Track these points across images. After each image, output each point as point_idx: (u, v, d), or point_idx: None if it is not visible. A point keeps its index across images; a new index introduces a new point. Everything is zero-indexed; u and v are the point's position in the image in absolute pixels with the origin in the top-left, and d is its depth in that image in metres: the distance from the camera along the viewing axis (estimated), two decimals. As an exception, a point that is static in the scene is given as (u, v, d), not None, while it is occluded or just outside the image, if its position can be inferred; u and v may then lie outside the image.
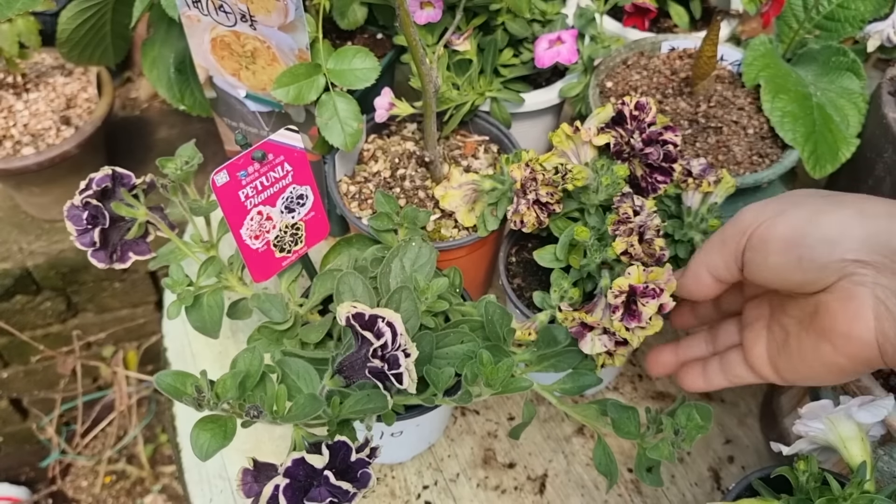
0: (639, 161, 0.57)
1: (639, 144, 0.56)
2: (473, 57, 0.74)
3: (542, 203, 0.57)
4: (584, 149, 0.59)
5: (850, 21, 0.75)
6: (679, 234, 0.59)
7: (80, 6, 0.87)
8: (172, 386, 0.43)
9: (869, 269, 0.40)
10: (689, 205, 0.59)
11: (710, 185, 0.57)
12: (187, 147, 0.57)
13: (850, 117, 0.70)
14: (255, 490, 0.41)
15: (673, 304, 0.49)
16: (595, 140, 0.58)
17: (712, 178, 0.58)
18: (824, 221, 0.42)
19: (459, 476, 0.69)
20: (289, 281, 0.58)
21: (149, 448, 1.44)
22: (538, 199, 0.56)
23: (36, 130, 0.99)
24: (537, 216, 0.57)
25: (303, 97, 0.64)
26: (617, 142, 0.57)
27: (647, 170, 0.57)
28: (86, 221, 0.53)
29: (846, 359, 0.43)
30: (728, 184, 0.59)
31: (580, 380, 0.54)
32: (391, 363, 0.41)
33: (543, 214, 0.57)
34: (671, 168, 0.56)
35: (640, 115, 0.57)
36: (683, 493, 0.67)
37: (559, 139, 0.59)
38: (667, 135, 0.56)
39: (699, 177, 0.58)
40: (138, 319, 1.32)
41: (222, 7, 0.62)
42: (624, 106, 0.57)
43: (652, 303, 0.48)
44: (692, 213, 0.59)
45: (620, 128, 0.58)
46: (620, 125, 0.58)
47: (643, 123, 0.56)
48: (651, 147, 0.56)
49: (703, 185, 0.57)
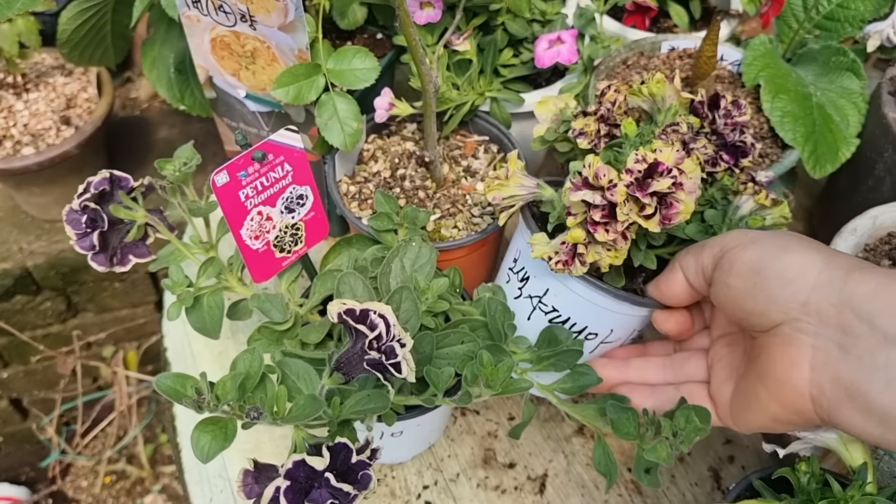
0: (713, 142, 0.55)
1: (720, 123, 0.54)
2: (473, 57, 0.74)
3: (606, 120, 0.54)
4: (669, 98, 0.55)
5: (849, 21, 0.75)
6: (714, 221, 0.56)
7: (80, 6, 0.87)
8: (172, 388, 0.43)
9: (813, 318, 0.40)
10: (737, 205, 0.57)
11: (767, 199, 0.55)
12: (185, 148, 0.57)
13: (850, 117, 0.70)
14: (256, 491, 0.41)
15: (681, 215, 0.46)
16: (683, 93, 0.55)
17: (772, 195, 0.56)
18: (786, 258, 0.42)
19: (459, 476, 0.69)
20: (289, 281, 0.58)
21: (149, 448, 1.44)
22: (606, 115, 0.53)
23: (36, 130, 0.99)
24: (597, 130, 0.54)
25: (303, 97, 0.64)
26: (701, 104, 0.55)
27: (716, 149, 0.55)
28: (85, 225, 0.53)
29: (779, 406, 0.42)
30: (782, 212, 0.56)
31: (580, 379, 0.54)
32: (388, 353, 0.42)
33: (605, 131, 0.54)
34: (741, 156, 0.55)
35: (733, 110, 0.55)
36: (683, 493, 0.67)
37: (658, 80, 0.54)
38: (748, 137, 0.55)
39: (760, 186, 0.56)
40: (138, 319, 1.32)
41: (222, 7, 0.62)
42: (722, 98, 0.54)
43: (667, 181, 0.45)
44: (736, 214, 0.56)
45: (712, 110, 0.55)
46: (713, 108, 0.55)
47: (731, 117, 0.55)
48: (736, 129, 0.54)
49: (760, 195, 0.56)
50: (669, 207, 0.46)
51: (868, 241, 0.64)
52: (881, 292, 0.38)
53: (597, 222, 0.47)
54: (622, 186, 0.46)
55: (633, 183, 0.46)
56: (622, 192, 0.46)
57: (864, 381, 0.37)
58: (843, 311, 0.39)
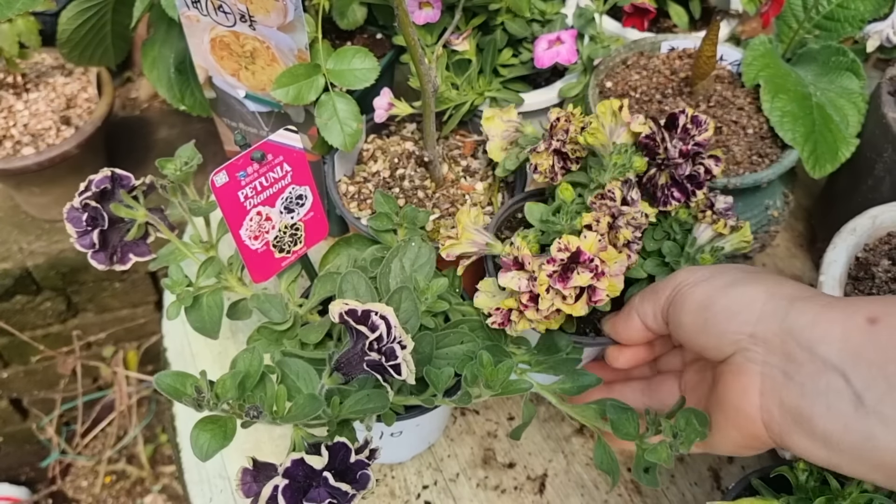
0: (667, 170, 0.54)
1: (674, 152, 0.53)
2: (472, 57, 0.74)
3: (561, 153, 0.55)
4: (620, 130, 0.56)
5: (849, 21, 0.75)
6: (672, 257, 0.57)
7: (80, 6, 0.87)
8: (172, 386, 0.43)
9: (760, 347, 0.42)
10: (696, 236, 0.56)
11: (725, 227, 0.55)
12: (186, 148, 0.57)
13: (849, 117, 0.70)
14: (255, 490, 0.41)
15: (605, 298, 0.48)
16: (633, 125, 0.55)
17: (731, 223, 0.55)
18: (733, 293, 0.44)
19: (459, 476, 0.69)
20: (288, 281, 0.58)
21: (149, 448, 1.44)
22: (560, 149, 0.55)
23: (36, 130, 0.99)
24: (552, 166, 0.55)
25: (302, 97, 0.64)
26: (651, 137, 0.54)
27: (670, 181, 0.54)
28: (85, 223, 0.53)
29: (737, 431, 0.44)
30: (743, 238, 0.56)
31: (579, 380, 0.54)
32: (388, 355, 0.42)
33: (559, 165, 0.55)
34: (693, 191, 0.54)
35: (692, 129, 0.53)
36: (683, 492, 0.67)
37: (603, 109, 0.56)
38: (708, 161, 0.53)
39: (718, 215, 0.55)
40: (138, 319, 1.32)
41: (222, 7, 0.62)
42: (681, 114, 0.53)
43: (587, 275, 0.47)
44: (694, 245, 0.56)
45: (668, 131, 0.54)
46: (670, 129, 0.54)
47: (690, 138, 0.53)
48: (684, 161, 0.53)
49: (718, 224, 0.55)
50: (593, 293, 0.47)
51: (868, 241, 0.64)
52: (820, 321, 0.40)
53: (524, 304, 0.49)
54: (543, 276, 0.47)
55: (555, 273, 0.47)
56: (543, 282, 0.47)
57: (808, 406, 0.39)
58: (786, 340, 0.40)
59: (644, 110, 0.71)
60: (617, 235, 0.50)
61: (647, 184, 0.56)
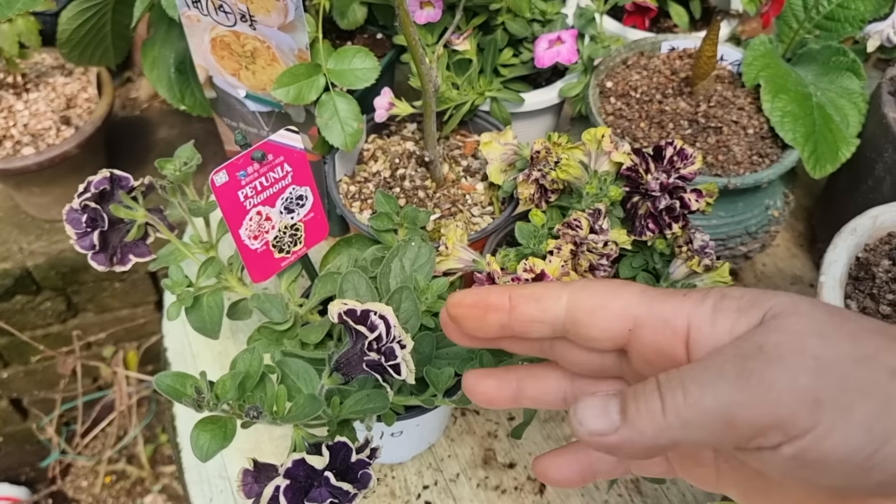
0: (647, 202, 0.54)
1: (653, 185, 0.52)
2: (473, 57, 0.74)
3: (540, 184, 0.56)
4: (602, 159, 0.56)
5: (850, 21, 0.75)
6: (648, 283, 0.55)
7: (80, 6, 0.87)
8: (172, 387, 0.43)
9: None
10: (671, 271, 0.56)
11: (699, 265, 0.54)
12: (186, 148, 0.57)
13: (850, 117, 0.70)
14: (256, 490, 0.41)
15: None
16: (614, 156, 0.55)
17: (706, 261, 0.54)
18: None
19: (459, 476, 0.69)
20: (288, 281, 0.58)
21: (149, 448, 1.44)
22: (538, 180, 0.56)
23: (36, 130, 0.98)
24: (533, 195, 0.57)
25: (303, 97, 0.64)
26: (633, 169, 0.53)
27: (647, 212, 0.54)
28: (85, 224, 0.53)
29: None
30: (720, 276, 0.55)
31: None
32: (388, 355, 0.42)
33: (538, 194, 0.57)
34: (669, 224, 0.52)
35: (678, 162, 0.52)
36: (684, 493, 0.67)
37: (589, 136, 0.56)
38: (688, 195, 0.52)
39: (693, 252, 0.54)
40: (138, 319, 1.32)
41: (222, 7, 0.62)
42: (669, 146, 0.53)
43: None
44: (668, 280, 0.56)
45: (653, 162, 0.53)
46: (656, 160, 0.53)
47: (675, 171, 0.52)
48: (663, 194, 0.52)
49: (692, 260, 0.54)
50: None
51: (868, 241, 0.64)
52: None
53: None
54: None
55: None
56: None
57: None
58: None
59: (644, 110, 0.71)
60: (579, 262, 0.52)
61: (630, 210, 0.56)
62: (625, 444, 0.28)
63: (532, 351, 0.36)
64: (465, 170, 0.73)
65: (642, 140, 0.69)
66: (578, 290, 0.32)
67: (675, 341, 0.29)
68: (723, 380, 0.26)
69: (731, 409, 0.26)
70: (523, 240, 0.57)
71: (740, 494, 0.33)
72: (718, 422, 0.26)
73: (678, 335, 0.29)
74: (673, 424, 0.27)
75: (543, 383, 0.37)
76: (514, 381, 0.37)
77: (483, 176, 0.72)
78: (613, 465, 0.36)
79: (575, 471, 0.36)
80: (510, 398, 0.37)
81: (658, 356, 0.30)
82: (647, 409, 0.27)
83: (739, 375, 0.26)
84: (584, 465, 0.36)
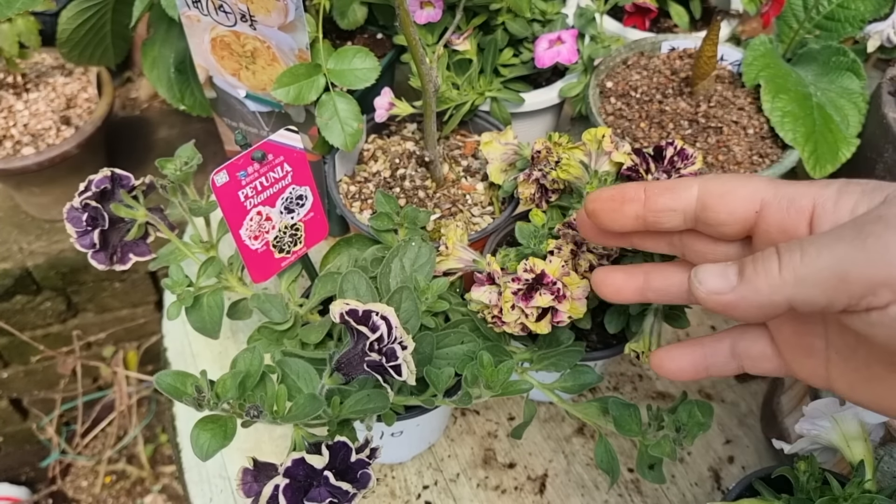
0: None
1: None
2: (473, 57, 0.74)
3: (541, 183, 0.56)
4: (602, 159, 0.56)
5: (850, 21, 0.75)
6: None
7: (80, 6, 0.87)
8: (172, 386, 0.43)
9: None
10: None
11: None
12: (186, 147, 0.57)
13: (850, 117, 0.70)
14: (255, 490, 0.41)
15: (567, 319, 0.49)
16: (615, 156, 0.55)
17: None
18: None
19: (459, 476, 0.69)
20: (289, 281, 0.58)
21: (149, 448, 1.44)
22: (539, 180, 0.56)
23: (36, 130, 0.99)
24: (533, 195, 0.57)
25: (303, 97, 0.64)
26: (634, 169, 0.53)
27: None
28: (85, 223, 0.53)
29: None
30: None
31: (580, 378, 0.54)
32: (389, 356, 0.42)
33: (538, 194, 0.57)
34: None
35: (678, 162, 0.52)
36: (684, 493, 0.67)
37: (589, 136, 0.56)
38: None
39: None
40: (138, 319, 1.32)
41: (222, 7, 0.62)
42: (669, 146, 0.52)
43: (548, 297, 0.48)
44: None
45: (654, 162, 0.53)
46: (657, 161, 0.53)
47: (675, 171, 0.52)
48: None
49: None
50: (555, 314, 0.49)
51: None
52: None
53: (496, 316, 0.51)
54: (508, 293, 0.49)
55: (520, 291, 0.49)
56: (508, 299, 0.49)
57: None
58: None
59: (644, 110, 0.71)
60: (579, 262, 0.52)
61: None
62: (740, 302, 0.30)
63: (661, 247, 0.39)
64: (466, 170, 0.73)
65: (642, 140, 0.69)
66: (709, 180, 0.34)
67: (800, 220, 0.31)
68: (840, 241, 0.27)
69: (846, 265, 0.27)
70: (523, 240, 0.57)
71: (847, 387, 0.34)
72: (832, 278, 0.27)
73: (803, 214, 0.31)
74: (788, 281, 0.28)
75: (669, 275, 0.39)
76: (642, 274, 0.40)
77: (483, 176, 0.72)
78: (726, 360, 0.38)
79: (688, 362, 0.39)
80: (637, 290, 0.40)
81: (782, 236, 0.31)
82: (764, 268, 0.29)
83: (856, 237, 0.27)
84: (698, 358, 0.38)
